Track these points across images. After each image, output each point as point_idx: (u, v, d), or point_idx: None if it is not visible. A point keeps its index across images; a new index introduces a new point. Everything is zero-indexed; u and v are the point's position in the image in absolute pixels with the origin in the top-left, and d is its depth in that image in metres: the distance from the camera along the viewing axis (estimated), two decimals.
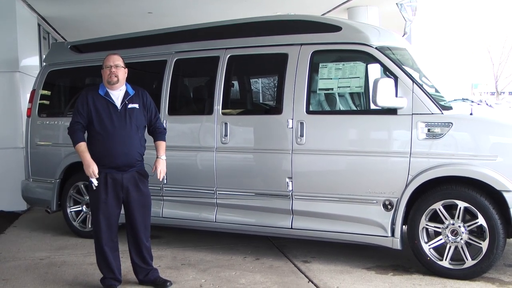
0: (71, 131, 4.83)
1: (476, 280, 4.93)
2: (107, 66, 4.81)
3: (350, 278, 5.13)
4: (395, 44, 5.68)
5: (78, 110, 4.80)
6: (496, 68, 46.35)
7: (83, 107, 4.79)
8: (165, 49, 6.55)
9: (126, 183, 4.80)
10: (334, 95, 5.78)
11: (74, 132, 4.80)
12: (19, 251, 6.36)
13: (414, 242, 5.11)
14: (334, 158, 5.41)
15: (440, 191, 5.00)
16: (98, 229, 4.82)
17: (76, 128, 4.80)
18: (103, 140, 4.73)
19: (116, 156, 4.72)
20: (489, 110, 5.71)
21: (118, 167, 4.75)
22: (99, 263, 4.91)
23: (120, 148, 4.73)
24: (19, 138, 8.67)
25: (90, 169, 4.69)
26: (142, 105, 4.92)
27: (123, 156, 4.75)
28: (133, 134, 4.81)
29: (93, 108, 4.76)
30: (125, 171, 4.78)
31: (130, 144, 4.78)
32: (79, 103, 4.83)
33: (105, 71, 4.82)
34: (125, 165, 4.77)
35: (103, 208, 4.77)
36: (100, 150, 4.74)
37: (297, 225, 5.59)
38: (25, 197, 7.62)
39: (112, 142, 4.72)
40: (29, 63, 9.67)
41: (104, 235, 4.81)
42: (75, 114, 4.83)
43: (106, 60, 4.87)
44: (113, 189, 4.77)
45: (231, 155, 5.92)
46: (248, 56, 6.07)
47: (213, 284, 5.05)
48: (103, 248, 4.83)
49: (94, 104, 4.77)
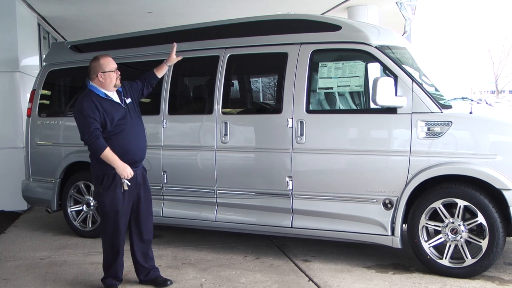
0: (91, 140, 4.56)
1: (476, 279, 4.93)
2: (112, 69, 4.74)
3: (350, 277, 5.14)
4: (395, 43, 5.68)
5: (90, 117, 4.56)
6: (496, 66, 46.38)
7: (94, 113, 4.58)
8: (164, 48, 6.53)
9: (139, 180, 4.83)
10: (334, 94, 5.78)
11: (96, 139, 4.55)
12: (20, 251, 6.37)
13: (414, 241, 5.12)
14: (334, 157, 5.41)
15: (440, 189, 5.01)
16: (116, 230, 4.73)
17: (96, 134, 4.55)
18: (120, 140, 4.67)
19: (134, 152, 4.75)
20: (488, 108, 5.71)
21: (135, 162, 4.76)
22: (108, 264, 4.85)
23: (135, 144, 4.76)
24: (19, 138, 8.68)
25: (128, 170, 4.62)
26: (130, 94, 4.94)
27: (139, 151, 4.81)
28: (142, 127, 4.90)
29: (103, 110, 4.63)
30: (137, 167, 4.81)
31: (143, 138, 4.88)
32: (88, 110, 4.58)
33: (111, 75, 4.72)
34: (140, 159, 4.83)
35: (122, 210, 4.71)
36: (118, 149, 4.63)
37: (297, 224, 5.59)
38: (26, 197, 7.62)
39: (128, 139, 4.71)
40: (29, 63, 9.67)
41: (122, 236, 4.77)
42: (89, 122, 4.55)
43: (108, 63, 4.74)
44: (129, 189, 4.71)
45: (231, 155, 5.93)
46: (248, 55, 6.07)
47: (214, 283, 5.05)
48: (119, 250, 4.78)
49: (102, 106, 4.64)
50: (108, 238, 4.81)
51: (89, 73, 4.81)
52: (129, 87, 5.00)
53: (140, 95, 5.14)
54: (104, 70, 4.72)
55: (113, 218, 4.72)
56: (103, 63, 4.74)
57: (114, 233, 4.75)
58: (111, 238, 4.78)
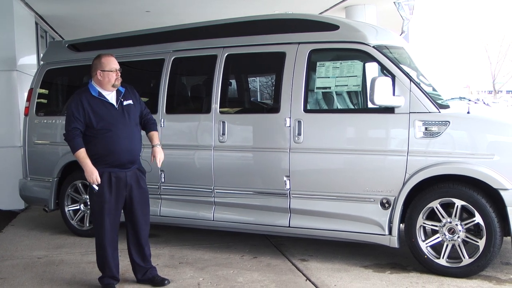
0: (68, 138, 4.72)
1: (473, 278, 4.94)
2: (112, 69, 4.75)
3: (347, 276, 5.14)
4: (393, 43, 5.69)
5: (74, 115, 4.68)
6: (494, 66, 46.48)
7: (79, 112, 4.68)
8: (163, 47, 6.54)
9: (130, 181, 4.80)
10: (332, 94, 5.78)
11: (73, 138, 4.69)
12: (17, 250, 6.36)
13: (411, 240, 5.12)
14: (331, 157, 5.42)
15: (437, 189, 5.01)
16: (101, 229, 4.78)
17: (74, 134, 4.69)
18: (106, 139, 4.69)
19: (121, 153, 4.71)
20: (486, 108, 5.71)
21: (123, 164, 4.74)
22: (100, 263, 4.89)
23: (124, 145, 4.72)
24: (16, 136, 8.67)
25: (94, 176, 4.66)
26: (136, 100, 4.93)
27: (127, 153, 4.75)
28: (135, 130, 4.84)
29: (90, 110, 4.69)
30: (128, 168, 4.78)
31: (133, 140, 4.80)
32: (74, 108, 4.70)
33: (110, 74, 4.74)
34: (129, 161, 4.77)
35: (108, 208, 4.74)
36: (103, 149, 4.69)
37: (295, 223, 5.59)
38: (23, 196, 7.61)
39: (116, 140, 4.70)
40: (27, 61, 9.65)
41: (107, 235, 4.78)
42: (71, 120, 4.70)
43: (108, 62, 4.76)
44: (117, 188, 4.75)
45: (229, 154, 5.93)
46: (245, 54, 6.07)
47: (211, 282, 5.05)
48: (106, 248, 4.80)
49: (90, 105, 4.70)
50: (96, 236, 4.89)
51: (90, 70, 4.86)
52: (136, 95, 4.96)
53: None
54: (104, 69, 4.75)
55: (99, 216, 4.79)
56: (104, 61, 4.77)
57: (100, 231, 4.81)
58: (98, 236, 4.85)
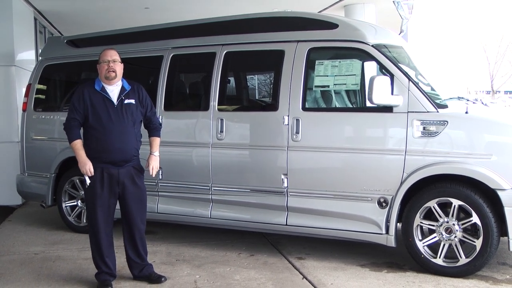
0: (67, 127, 4.81)
1: (469, 278, 4.95)
2: (104, 61, 4.80)
3: (344, 275, 5.15)
4: (392, 42, 5.69)
5: (75, 106, 4.78)
6: (492, 67, 46.51)
7: (80, 103, 4.76)
8: (161, 44, 6.53)
9: (122, 178, 4.80)
10: (330, 92, 5.78)
11: (70, 128, 4.79)
12: (14, 246, 6.35)
13: (408, 240, 5.13)
14: (329, 155, 5.41)
15: (434, 189, 5.02)
16: (95, 224, 4.81)
17: (72, 124, 4.78)
18: (100, 136, 4.72)
19: (113, 151, 4.71)
20: (484, 108, 5.72)
21: (115, 162, 4.74)
22: (95, 258, 4.89)
23: (116, 144, 4.72)
24: (14, 132, 8.63)
25: (87, 167, 4.70)
26: (138, 100, 4.91)
27: (119, 152, 4.74)
28: (130, 130, 4.80)
29: (90, 103, 4.74)
30: (121, 166, 4.78)
31: (126, 140, 4.77)
32: (75, 99, 4.80)
33: (102, 66, 4.80)
34: (121, 160, 4.76)
35: (100, 203, 4.76)
36: (96, 145, 4.73)
37: (292, 221, 5.60)
38: (20, 192, 7.60)
39: (109, 137, 4.71)
40: (25, 57, 9.63)
41: (101, 230, 4.80)
42: (71, 110, 4.80)
43: (103, 55, 4.85)
44: (109, 184, 4.77)
45: (226, 151, 5.92)
46: (244, 52, 6.07)
47: (208, 280, 5.05)
48: (99, 243, 4.82)
49: (90, 99, 4.75)
50: (89, 231, 4.92)
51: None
52: (140, 95, 4.93)
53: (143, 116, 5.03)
54: (99, 61, 4.84)
55: (91, 211, 4.82)
56: (100, 55, 4.87)
57: (94, 227, 4.83)
58: (91, 231, 4.88)
